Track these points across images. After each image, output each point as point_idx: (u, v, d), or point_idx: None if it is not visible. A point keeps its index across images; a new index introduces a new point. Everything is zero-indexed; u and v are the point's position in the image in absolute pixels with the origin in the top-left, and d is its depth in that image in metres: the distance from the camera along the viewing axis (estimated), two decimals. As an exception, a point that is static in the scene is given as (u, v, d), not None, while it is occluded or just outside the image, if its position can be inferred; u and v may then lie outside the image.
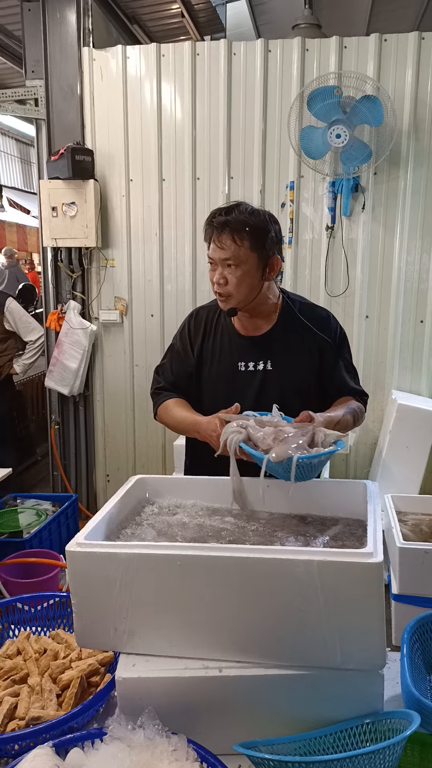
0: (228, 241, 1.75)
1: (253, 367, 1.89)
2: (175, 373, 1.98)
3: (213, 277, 1.83)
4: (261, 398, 1.85)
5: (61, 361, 4.17)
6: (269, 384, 1.88)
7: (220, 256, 1.78)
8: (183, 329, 2.01)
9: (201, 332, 1.96)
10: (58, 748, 1.16)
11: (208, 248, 1.83)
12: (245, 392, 1.86)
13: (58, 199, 3.99)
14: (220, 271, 1.79)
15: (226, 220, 1.76)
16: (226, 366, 1.91)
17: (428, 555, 2.36)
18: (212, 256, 1.80)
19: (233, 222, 1.76)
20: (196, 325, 1.98)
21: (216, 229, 1.77)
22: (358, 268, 3.92)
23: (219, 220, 1.77)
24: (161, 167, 4.01)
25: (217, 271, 1.80)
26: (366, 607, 1.15)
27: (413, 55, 3.65)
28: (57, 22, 3.97)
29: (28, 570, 2.65)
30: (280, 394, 1.85)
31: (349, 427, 1.82)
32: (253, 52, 3.81)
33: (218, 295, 1.84)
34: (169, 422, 1.93)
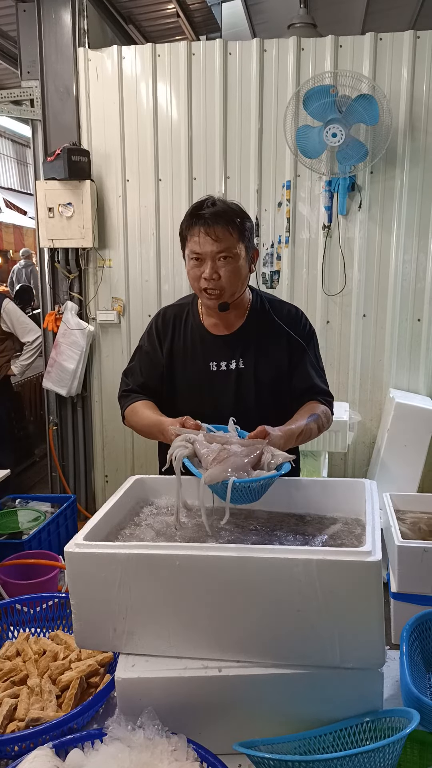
0: (222, 233, 1.70)
1: (225, 367, 1.85)
2: (145, 375, 1.92)
3: (200, 273, 1.75)
4: (237, 398, 1.83)
5: (58, 362, 4.16)
6: (244, 383, 1.85)
7: (213, 249, 1.71)
8: (150, 329, 1.95)
9: (170, 332, 1.91)
10: (58, 749, 1.16)
11: (185, 244, 1.77)
12: (220, 393, 1.84)
13: (55, 199, 3.99)
14: (211, 265, 1.73)
15: (217, 211, 1.71)
16: (199, 366, 1.87)
17: (427, 553, 2.36)
18: (200, 250, 1.73)
19: (224, 213, 1.71)
20: (164, 325, 1.92)
21: (207, 222, 1.70)
22: (355, 267, 3.92)
23: (210, 212, 1.71)
24: (157, 167, 4.01)
25: (207, 265, 1.73)
26: (365, 606, 1.16)
27: (408, 54, 3.65)
28: (52, 22, 3.97)
29: (27, 571, 2.65)
30: (255, 393, 1.84)
31: (313, 435, 1.76)
32: (248, 51, 3.80)
33: (207, 291, 1.77)
34: (136, 425, 1.85)
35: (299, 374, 1.88)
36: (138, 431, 1.86)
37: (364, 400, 4.07)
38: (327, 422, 1.84)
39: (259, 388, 1.85)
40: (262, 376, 1.85)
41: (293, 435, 1.64)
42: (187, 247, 1.76)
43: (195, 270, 1.76)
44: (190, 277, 1.79)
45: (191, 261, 1.76)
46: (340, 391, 4.06)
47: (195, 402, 1.83)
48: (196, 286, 1.79)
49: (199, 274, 1.75)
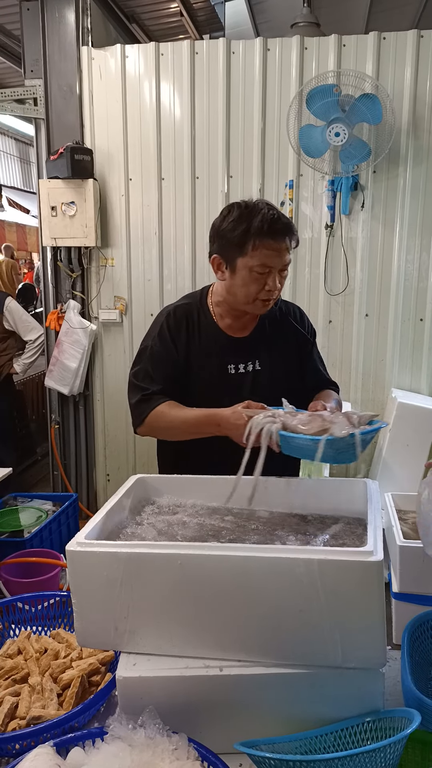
0: (289, 246, 1.71)
1: (243, 369, 1.85)
2: (161, 377, 1.83)
3: (261, 285, 1.72)
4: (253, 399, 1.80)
5: (60, 361, 4.16)
6: (260, 384, 1.86)
7: (284, 262, 1.72)
8: (161, 330, 1.86)
9: (184, 332, 1.85)
10: (59, 748, 1.16)
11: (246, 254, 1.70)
12: (237, 394, 1.81)
13: (58, 198, 3.99)
14: (275, 277, 1.72)
15: (287, 225, 1.70)
16: (215, 368, 1.84)
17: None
18: (271, 263, 1.70)
19: (291, 225, 1.71)
20: (176, 325, 1.86)
21: (279, 234, 1.68)
22: (358, 266, 3.91)
23: (284, 223, 1.69)
24: (160, 166, 4.01)
25: (272, 277, 1.72)
26: (366, 606, 1.15)
27: (412, 53, 3.65)
28: (56, 21, 3.97)
29: (28, 569, 2.65)
30: (270, 393, 1.81)
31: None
32: (251, 50, 3.80)
33: (265, 302, 1.76)
34: (171, 424, 1.77)
35: (310, 370, 1.96)
36: (173, 430, 1.79)
37: (366, 399, 4.06)
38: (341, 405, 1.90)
39: (274, 388, 1.84)
40: (277, 376, 1.88)
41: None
42: (251, 258, 1.70)
43: (256, 283, 1.72)
44: (246, 290, 1.74)
45: (252, 273, 1.71)
46: (342, 391, 4.02)
47: (212, 404, 1.79)
48: (251, 297, 1.75)
49: (261, 286, 1.72)
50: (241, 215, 1.71)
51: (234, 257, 1.73)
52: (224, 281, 1.79)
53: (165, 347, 1.85)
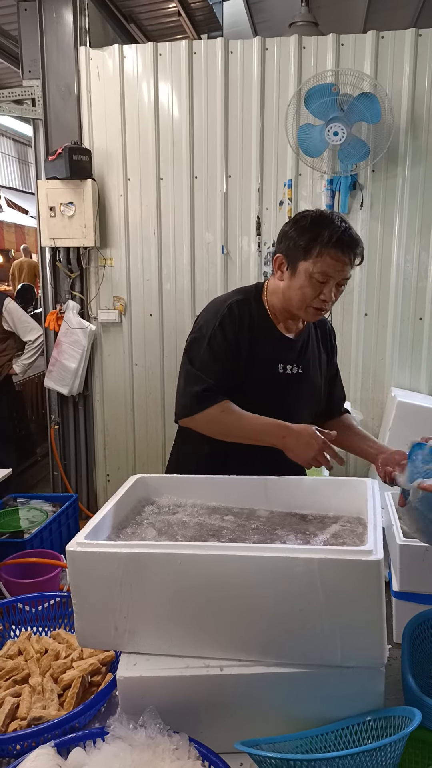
0: (352, 261, 1.72)
1: (291, 370, 1.85)
2: (221, 371, 1.77)
3: (317, 292, 1.73)
4: (295, 402, 1.86)
5: (60, 361, 4.16)
6: (302, 388, 1.87)
7: (344, 275, 1.73)
8: (222, 321, 1.79)
9: (245, 328, 1.80)
10: (59, 748, 1.16)
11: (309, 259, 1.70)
12: (283, 395, 1.84)
13: (56, 198, 3.99)
14: (331, 287, 1.73)
15: (355, 240, 1.71)
16: (269, 367, 1.83)
17: (429, 552, 2.36)
18: (333, 274, 1.71)
19: (359, 241, 1.72)
20: (240, 319, 1.80)
21: (346, 247, 1.69)
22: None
23: (352, 238, 1.70)
24: (159, 166, 4.01)
25: (329, 288, 1.72)
26: (367, 605, 1.15)
27: (410, 53, 3.65)
28: (53, 21, 3.97)
29: (28, 570, 2.65)
30: (309, 397, 1.90)
31: None
32: (250, 50, 3.80)
33: (317, 311, 1.76)
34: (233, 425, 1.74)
35: (338, 384, 2.04)
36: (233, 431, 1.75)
37: (366, 398, 4.06)
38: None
39: (312, 393, 1.91)
40: (315, 381, 1.92)
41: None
42: (314, 264, 1.70)
43: (313, 289, 1.72)
44: (302, 293, 1.74)
45: (312, 279, 1.71)
46: (342, 390, 4.06)
47: (261, 401, 1.79)
48: (306, 302, 1.75)
49: (316, 293, 1.73)
50: (314, 222, 1.72)
51: (297, 259, 1.73)
52: (282, 282, 1.80)
53: (226, 341, 1.79)
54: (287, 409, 1.81)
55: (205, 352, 1.78)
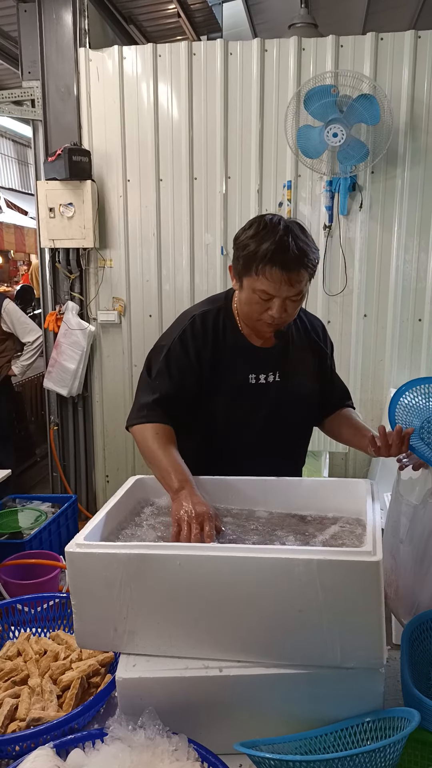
0: (299, 277, 1.60)
1: (264, 380, 1.79)
2: (175, 382, 1.73)
3: (264, 308, 1.64)
4: (273, 412, 1.80)
5: (59, 362, 4.16)
6: (279, 397, 1.82)
7: (288, 293, 1.61)
8: (183, 334, 1.76)
9: (210, 339, 1.76)
10: (58, 749, 1.16)
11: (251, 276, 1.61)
12: (258, 406, 1.80)
13: (56, 199, 3.99)
14: (280, 305, 1.62)
15: (299, 257, 1.58)
16: (238, 378, 1.77)
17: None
18: (275, 292, 1.60)
19: (305, 255, 1.60)
20: (203, 331, 1.76)
21: (289, 267, 1.57)
22: (356, 267, 3.92)
23: (292, 258, 1.57)
24: (158, 167, 4.01)
25: (275, 305, 1.62)
26: (366, 606, 1.15)
27: (409, 54, 3.65)
28: (53, 22, 3.97)
29: (27, 571, 2.65)
30: (288, 406, 1.83)
31: None
32: (249, 51, 3.80)
33: (267, 325, 1.68)
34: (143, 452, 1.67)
35: (334, 382, 1.97)
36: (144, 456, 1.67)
37: (365, 399, 4.06)
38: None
39: (295, 402, 1.84)
40: (299, 390, 1.84)
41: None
42: (253, 280, 1.62)
43: (259, 305, 1.64)
44: (250, 309, 1.67)
45: (255, 296, 1.63)
46: (341, 391, 4.06)
47: (231, 414, 1.77)
48: (254, 317, 1.68)
49: (263, 309, 1.65)
50: (255, 234, 1.61)
51: (241, 273, 1.66)
52: (237, 292, 1.74)
53: (185, 354, 1.74)
54: (263, 419, 1.79)
55: (161, 363, 1.76)
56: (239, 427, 1.79)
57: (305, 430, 1.95)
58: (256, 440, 1.81)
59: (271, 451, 1.81)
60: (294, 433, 1.90)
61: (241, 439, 1.79)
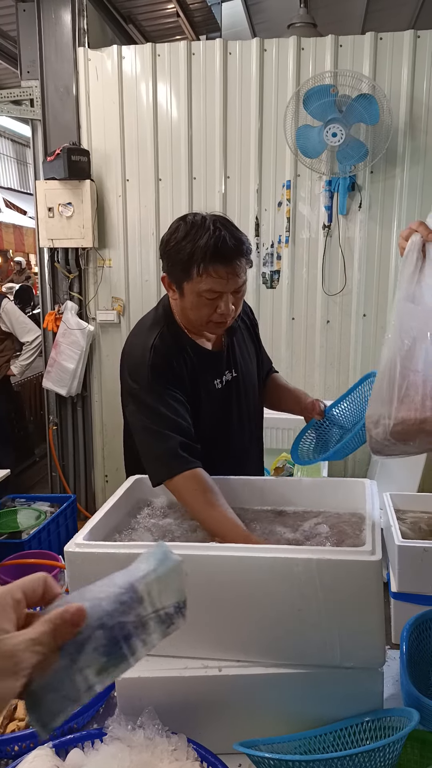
0: (241, 268, 1.57)
1: (226, 381, 1.77)
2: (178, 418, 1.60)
3: (212, 309, 1.59)
4: (238, 407, 1.82)
5: (58, 362, 4.16)
6: (240, 391, 1.82)
7: (235, 286, 1.58)
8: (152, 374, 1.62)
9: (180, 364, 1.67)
10: (58, 749, 1.16)
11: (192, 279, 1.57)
12: (227, 407, 1.78)
13: (55, 199, 3.99)
14: (227, 300, 1.59)
15: (236, 247, 1.55)
16: (207, 386, 1.73)
17: (427, 553, 2.36)
18: (220, 288, 1.57)
19: (241, 245, 1.57)
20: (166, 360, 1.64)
21: (231, 260, 1.55)
22: (356, 266, 3.92)
23: (232, 246, 1.54)
24: (157, 167, 4.01)
25: (224, 302, 1.58)
26: (365, 605, 1.15)
27: (409, 54, 3.65)
28: (52, 22, 3.97)
29: (27, 571, 2.64)
30: (246, 397, 1.84)
31: None
32: (248, 51, 3.80)
33: (218, 324, 1.63)
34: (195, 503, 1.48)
35: (263, 357, 1.99)
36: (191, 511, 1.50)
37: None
38: None
39: (249, 390, 1.86)
40: (249, 377, 1.87)
41: None
42: (197, 283, 1.57)
43: (207, 307, 1.60)
44: (198, 314, 1.62)
45: (201, 298, 1.58)
46: (341, 391, 4.01)
47: (213, 424, 1.76)
48: (203, 320, 1.63)
49: (211, 310, 1.60)
50: (186, 235, 1.57)
51: (180, 280, 1.61)
52: (176, 301, 1.68)
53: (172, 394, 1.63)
54: (234, 415, 1.81)
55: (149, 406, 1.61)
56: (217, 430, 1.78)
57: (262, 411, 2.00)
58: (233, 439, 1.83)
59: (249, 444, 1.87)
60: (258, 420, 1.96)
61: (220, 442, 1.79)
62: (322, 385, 4.04)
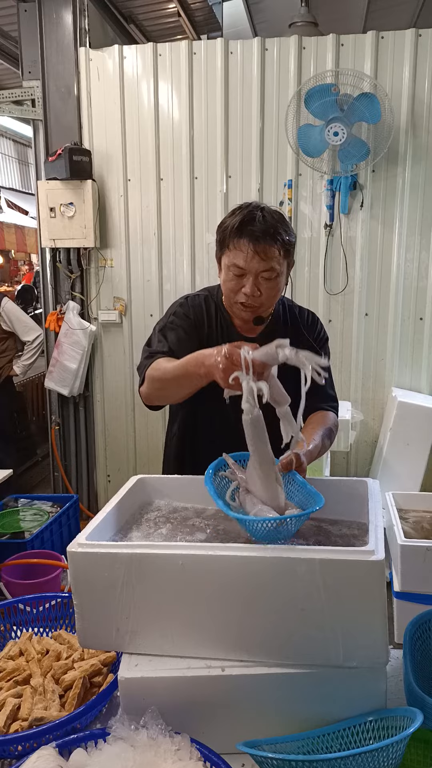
0: (270, 251, 1.61)
1: None
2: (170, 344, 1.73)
3: (239, 287, 1.66)
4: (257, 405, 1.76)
5: (60, 362, 4.16)
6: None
7: (259, 267, 1.62)
8: (176, 311, 1.81)
9: (202, 320, 1.79)
10: (61, 749, 1.16)
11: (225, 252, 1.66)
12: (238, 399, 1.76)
13: (56, 199, 3.99)
14: (253, 281, 1.64)
15: (268, 228, 1.60)
16: None
17: (430, 552, 2.36)
18: (245, 266, 1.63)
19: (274, 229, 1.61)
20: (194, 309, 1.80)
21: (257, 238, 1.60)
22: (357, 265, 3.91)
23: (261, 228, 1.60)
24: (159, 167, 4.01)
25: (249, 282, 1.64)
26: (368, 605, 1.15)
27: (410, 52, 3.65)
28: (53, 22, 3.97)
29: (29, 571, 2.65)
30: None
31: (325, 450, 1.75)
32: (249, 50, 3.80)
33: (244, 306, 1.69)
34: (164, 374, 1.63)
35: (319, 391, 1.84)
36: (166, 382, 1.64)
37: (367, 399, 4.06)
38: (335, 431, 1.84)
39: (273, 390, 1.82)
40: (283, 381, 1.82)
41: (312, 456, 1.62)
42: (227, 256, 1.66)
43: (233, 282, 1.67)
44: (227, 288, 1.70)
45: (230, 273, 1.66)
46: (343, 390, 4.06)
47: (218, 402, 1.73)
48: (232, 298, 1.70)
49: (238, 287, 1.67)
50: (232, 213, 1.68)
51: (219, 254, 1.71)
52: (221, 279, 1.75)
53: (181, 323, 1.77)
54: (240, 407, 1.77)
55: (157, 335, 1.79)
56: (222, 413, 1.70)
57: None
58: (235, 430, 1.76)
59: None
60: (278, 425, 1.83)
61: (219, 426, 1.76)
62: (324, 384, 4.03)
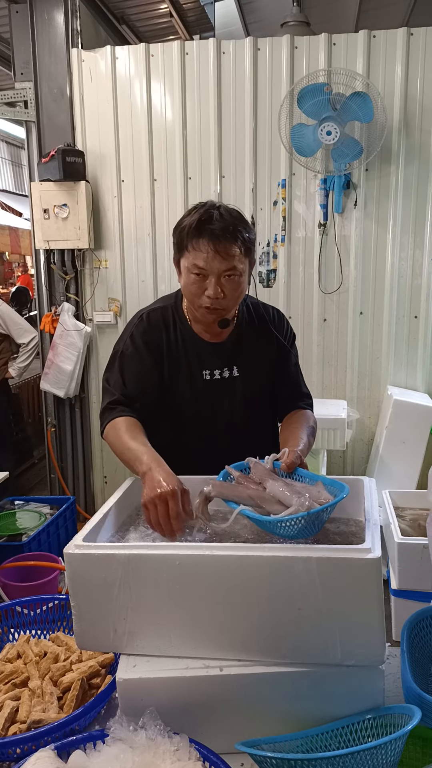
0: (230, 249, 1.57)
1: (219, 375, 1.76)
2: (129, 384, 1.71)
3: (201, 290, 1.61)
4: (231, 407, 1.78)
5: (56, 364, 4.16)
6: (237, 392, 1.78)
7: (221, 267, 1.58)
8: (134, 335, 1.74)
9: (158, 336, 1.74)
10: (60, 751, 1.16)
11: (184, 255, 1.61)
12: (215, 402, 1.77)
13: (50, 201, 3.98)
14: (215, 282, 1.59)
15: (227, 226, 1.57)
16: (192, 375, 1.75)
17: (426, 550, 2.36)
18: (206, 267, 1.58)
19: (234, 227, 1.58)
20: (150, 328, 1.74)
21: (216, 236, 1.56)
22: (352, 264, 3.92)
23: (220, 226, 1.56)
24: (152, 167, 4.01)
25: (211, 283, 1.59)
26: (365, 603, 1.16)
27: (402, 51, 3.65)
28: (45, 23, 3.96)
29: (27, 573, 2.65)
30: (248, 401, 1.79)
31: (311, 448, 1.73)
32: (242, 50, 3.80)
33: (208, 309, 1.64)
34: (114, 445, 1.62)
35: (285, 378, 1.86)
36: (115, 451, 1.63)
37: (362, 397, 4.07)
38: (316, 427, 1.82)
39: (252, 396, 1.80)
40: (255, 384, 1.81)
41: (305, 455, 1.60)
42: (186, 258, 1.61)
43: (195, 286, 1.62)
44: (188, 292, 1.65)
45: (191, 275, 1.61)
46: (338, 389, 4.07)
47: (188, 412, 1.76)
48: (195, 302, 1.65)
49: (201, 291, 1.62)
50: (187, 214, 1.64)
51: (177, 257, 1.67)
52: (181, 284, 1.70)
53: (138, 352, 1.73)
54: (221, 416, 1.76)
55: (117, 366, 1.74)
56: (202, 425, 1.76)
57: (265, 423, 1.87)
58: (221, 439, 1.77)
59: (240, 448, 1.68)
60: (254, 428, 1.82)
61: (205, 438, 1.77)
62: (319, 383, 4.04)
